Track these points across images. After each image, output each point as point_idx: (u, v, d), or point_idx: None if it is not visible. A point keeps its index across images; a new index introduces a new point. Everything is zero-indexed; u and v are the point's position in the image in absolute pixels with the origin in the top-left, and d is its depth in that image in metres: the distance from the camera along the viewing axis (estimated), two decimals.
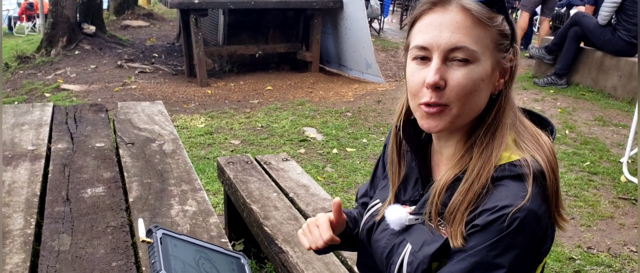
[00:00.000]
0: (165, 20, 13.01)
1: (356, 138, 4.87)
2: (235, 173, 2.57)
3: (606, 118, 5.42)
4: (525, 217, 0.90)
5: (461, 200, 0.96)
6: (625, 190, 3.82)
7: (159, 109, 3.04)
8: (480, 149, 0.98)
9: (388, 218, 1.10)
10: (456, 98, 0.94)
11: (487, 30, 0.95)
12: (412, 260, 1.01)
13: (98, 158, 2.30)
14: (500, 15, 0.96)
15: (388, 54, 9.23)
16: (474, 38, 0.93)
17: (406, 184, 1.13)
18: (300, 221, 2.10)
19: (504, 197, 0.92)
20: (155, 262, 0.97)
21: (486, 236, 0.92)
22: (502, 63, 0.98)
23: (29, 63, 8.10)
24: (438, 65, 0.94)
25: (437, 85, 0.94)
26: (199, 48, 6.92)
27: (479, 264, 0.92)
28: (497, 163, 0.96)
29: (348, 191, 3.76)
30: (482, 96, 0.97)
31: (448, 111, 0.96)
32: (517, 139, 1.00)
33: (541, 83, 6.62)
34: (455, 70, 0.94)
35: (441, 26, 0.94)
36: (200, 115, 5.66)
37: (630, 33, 5.92)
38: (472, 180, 0.96)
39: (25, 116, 2.78)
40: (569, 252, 3.05)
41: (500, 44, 0.97)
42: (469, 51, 0.93)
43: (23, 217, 1.76)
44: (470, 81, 0.94)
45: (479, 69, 0.94)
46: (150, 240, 1.02)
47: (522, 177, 0.94)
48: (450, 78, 0.94)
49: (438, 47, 0.94)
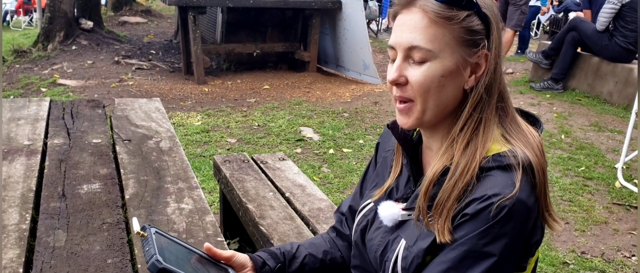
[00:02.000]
0: (163, 17, 12.99)
1: (353, 138, 4.88)
2: (231, 171, 2.57)
3: (602, 124, 5.44)
4: (513, 206, 0.91)
5: (447, 196, 0.98)
6: (620, 195, 3.84)
7: (156, 106, 3.04)
8: (462, 145, 1.00)
9: (381, 215, 1.10)
10: (417, 94, 1.00)
11: (445, 28, 0.96)
12: (407, 255, 1.02)
13: (94, 154, 2.30)
14: (465, 12, 0.97)
15: (385, 55, 9.24)
16: (429, 37, 0.96)
17: (399, 182, 1.14)
18: (296, 221, 2.10)
19: (492, 186, 0.94)
20: (149, 248, 0.99)
21: (476, 225, 0.93)
22: (470, 59, 0.99)
23: (25, 57, 8.07)
24: (398, 63, 1.00)
25: (396, 82, 1.01)
26: (196, 46, 6.92)
27: (469, 252, 0.94)
28: (483, 157, 0.97)
29: (344, 192, 3.76)
30: (446, 91, 0.99)
31: (414, 107, 1.01)
32: (506, 134, 1.01)
33: (538, 87, 6.64)
34: (413, 68, 0.99)
35: (402, 27, 1.00)
36: (196, 113, 5.65)
37: (627, 39, 5.95)
38: (456, 177, 0.97)
39: (22, 111, 2.77)
40: (563, 256, 3.06)
41: (466, 40, 0.98)
42: (423, 50, 0.97)
43: (18, 212, 1.75)
44: (428, 78, 0.98)
45: (436, 67, 0.97)
46: (145, 233, 1.03)
47: (510, 167, 0.95)
48: (409, 76, 1.00)
49: (399, 46, 1.00)
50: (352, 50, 7.39)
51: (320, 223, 2.07)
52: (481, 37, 0.99)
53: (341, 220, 1.35)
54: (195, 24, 6.90)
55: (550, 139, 4.97)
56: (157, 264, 0.96)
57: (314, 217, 2.13)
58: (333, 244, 1.33)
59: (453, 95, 1.01)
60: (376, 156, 1.30)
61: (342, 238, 1.34)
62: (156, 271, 0.96)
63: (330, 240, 1.34)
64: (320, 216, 2.14)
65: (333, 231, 1.36)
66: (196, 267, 1.07)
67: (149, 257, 0.98)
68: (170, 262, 0.98)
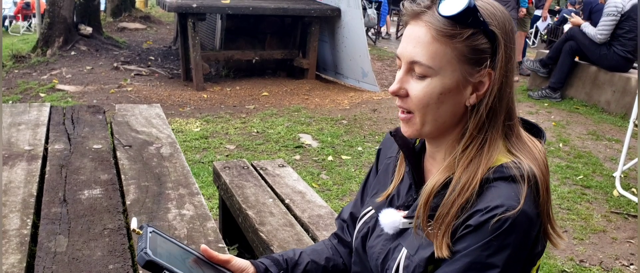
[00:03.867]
0: (162, 23, 13.01)
1: (351, 145, 4.89)
2: (231, 178, 2.57)
3: (599, 132, 5.46)
4: (517, 218, 0.91)
5: (446, 211, 0.97)
6: (618, 204, 3.85)
7: (157, 112, 3.04)
8: (465, 162, 0.99)
9: (382, 222, 1.10)
10: (416, 108, 1.01)
11: (447, 45, 0.96)
12: (408, 264, 1.02)
13: (95, 159, 2.30)
14: (470, 30, 0.95)
15: (384, 63, 9.26)
16: (430, 54, 0.96)
17: (400, 189, 1.14)
18: (296, 228, 2.11)
19: (495, 198, 0.94)
20: (141, 243, 1.01)
21: (478, 237, 0.93)
22: (471, 78, 0.98)
23: (24, 63, 8.07)
24: (401, 75, 1.01)
25: (396, 93, 1.02)
26: (195, 52, 6.93)
27: (473, 264, 0.94)
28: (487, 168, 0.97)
29: (343, 199, 3.76)
30: (445, 108, 1.00)
31: (413, 119, 1.02)
32: (511, 148, 1.01)
33: (536, 96, 6.67)
34: (414, 82, 1.00)
35: (408, 39, 1.00)
36: (195, 119, 5.65)
37: (626, 48, 5.99)
38: (456, 193, 0.97)
39: (22, 116, 2.77)
40: (561, 264, 3.06)
41: (469, 58, 0.97)
42: (424, 66, 0.97)
43: (19, 217, 1.75)
44: (426, 94, 0.99)
45: (435, 84, 0.98)
46: (141, 231, 1.05)
47: (513, 178, 0.95)
48: (409, 89, 1.01)
49: (404, 58, 1.00)
50: (350, 57, 7.41)
51: (320, 230, 2.08)
52: (486, 56, 0.97)
53: (342, 226, 1.35)
54: (195, 30, 6.91)
55: (548, 147, 4.99)
56: (144, 256, 0.97)
57: (314, 224, 2.13)
58: (335, 251, 1.33)
59: (452, 111, 1.00)
60: (377, 163, 1.30)
61: (343, 244, 1.34)
62: (144, 263, 0.97)
63: (332, 247, 1.34)
64: (320, 223, 2.15)
65: (335, 238, 1.36)
66: (192, 268, 1.08)
67: (139, 251, 0.99)
68: (161, 257, 0.99)
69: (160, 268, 0.98)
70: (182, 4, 6.69)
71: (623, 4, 5.90)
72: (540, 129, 1.10)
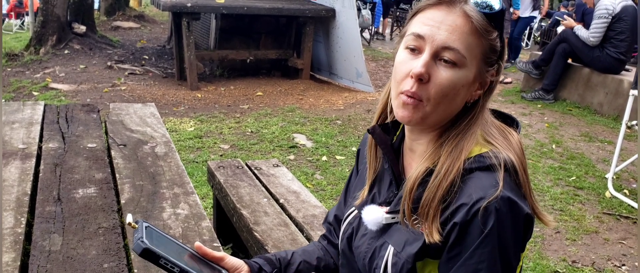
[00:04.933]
0: (156, 22, 12.97)
1: (346, 146, 4.89)
2: (225, 177, 2.57)
3: (592, 134, 5.49)
4: (500, 205, 0.93)
5: (432, 196, 0.98)
6: (610, 205, 3.88)
7: (151, 111, 3.04)
8: (449, 148, 1.01)
9: (365, 219, 1.11)
10: (433, 96, 0.98)
11: (480, 41, 0.98)
12: (396, 261, 1.03)
13: (90, 158, 2.30)
14: (496, 31, 1.00)
15: (378, 63, 9.28)
16: (466, 44, 0.97)
17: (381, 186, 1.15)
18: (290, 227, 2.11)
19: (476, 189, 0.95)
20: (137, 234, 1.01)
21: (471, 237, 0.94)
22: (484, 76, 1.02)
23: (17, 61, 8.03)
24: (427, 59, 0.97)
25: (421, 77, 0.97)
26: (190, 51, 6.92)
27: (477, 264, 0.95)
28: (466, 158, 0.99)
29: (337, 199, 3.76)
30: (457, 100, 1.01)
31: (421, 107, 0.99)
32: (486, 136, 1.03)
33: (529, 97, 6.70)
34: (441, 69, 0.98)
35: (441, 23, 0.98)
36: (189, 118, 5.64)
37: (618, 49, 6.03)
38: (441, 176, 0.98)
39: (16, 114, 2.76)
40: (554, 265, 3.08)
41: (488, 57, 1.01)
42: (459, 55, 0.97)
43: (13, 216, 1.75)
44: (452, 83, 0.98)
45: (461, 75, 0.98)
46: (136, 225, 1.05)
47: (492, 168, 0.97)
48: (434, 75, 0.98)
49: (432, 42, 0.97)
50: (345, 58, 7.42)
51: (314, 230, 2.08)
52: (496, 58, 1.02)
53: (330, 229, 1.37)
54: (189, 29, 6.90)
55: (541, 149, 5.02)
56: (141, 244, 0.97)
57: (308, 224, 2.14)
58: (325, 251, 1.35)
59: (459, 105, 1.03)
60: (357, 164, 1.31)
61: (333, 246, 1.35)
62: (141, 251, 0.98)
63: (322, 248, 1.36)
64: (315, 222, 2.15)
65: (324, 240, 1.38)
66: (188, 263, 1.08)
67: (136, 240, 0.99)
68: (158, 248, 1.00)
69: (157, 257, 0.99)
70: (177, 3, 6.67)
71: (613, 6, 5.94)
72: (514, 119, 1.12)
